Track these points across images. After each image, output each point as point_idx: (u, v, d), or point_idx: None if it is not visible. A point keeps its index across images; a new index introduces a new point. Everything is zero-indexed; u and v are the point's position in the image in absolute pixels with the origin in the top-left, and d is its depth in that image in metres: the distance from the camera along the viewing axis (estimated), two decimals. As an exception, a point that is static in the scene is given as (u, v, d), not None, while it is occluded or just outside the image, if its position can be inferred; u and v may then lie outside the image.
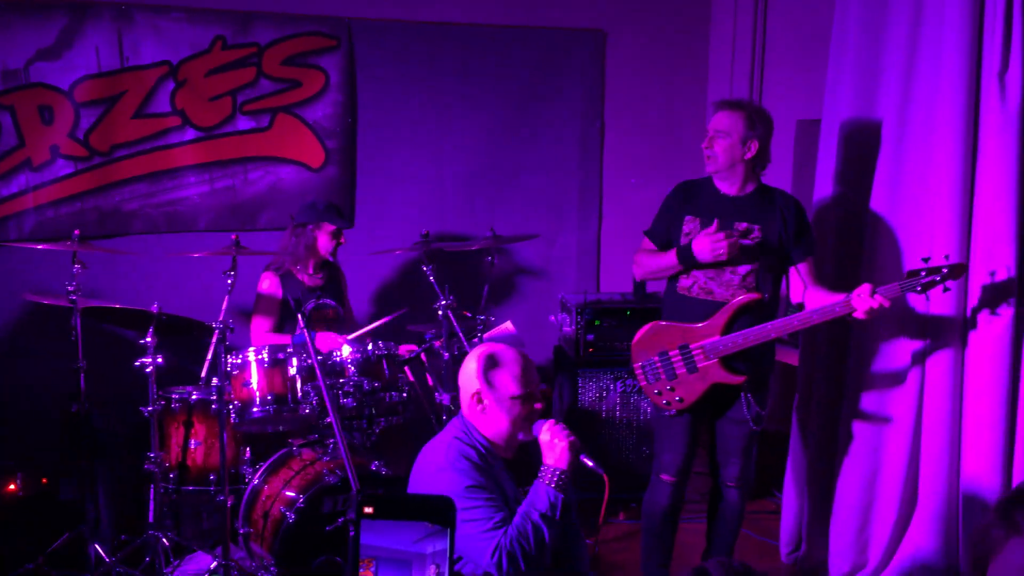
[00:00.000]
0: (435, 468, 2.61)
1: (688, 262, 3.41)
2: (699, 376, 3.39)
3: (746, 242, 3.38)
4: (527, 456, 2.81)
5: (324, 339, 4.14)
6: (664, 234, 3.55)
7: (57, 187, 4.67)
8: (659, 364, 3.44)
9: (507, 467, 2.72)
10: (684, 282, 3.48)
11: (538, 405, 2.68)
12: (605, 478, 2.57)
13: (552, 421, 2.64)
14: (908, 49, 3.60)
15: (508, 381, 2.64)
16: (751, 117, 3.44)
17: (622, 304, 4.89)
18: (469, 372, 2.68)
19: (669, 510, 3.58)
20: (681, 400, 3.42)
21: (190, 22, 4.78)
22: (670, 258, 3.45)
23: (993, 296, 3.41)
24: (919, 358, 3.63)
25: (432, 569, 1.70)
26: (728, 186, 3.47)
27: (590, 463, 2.60)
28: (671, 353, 3.42)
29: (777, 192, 3.53)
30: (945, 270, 3.20)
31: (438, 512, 1.70)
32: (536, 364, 2.81)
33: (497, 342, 4.46)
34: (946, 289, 3.24)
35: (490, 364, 2.66)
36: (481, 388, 2.65)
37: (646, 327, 3.49)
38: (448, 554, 1.68)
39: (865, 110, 3.79)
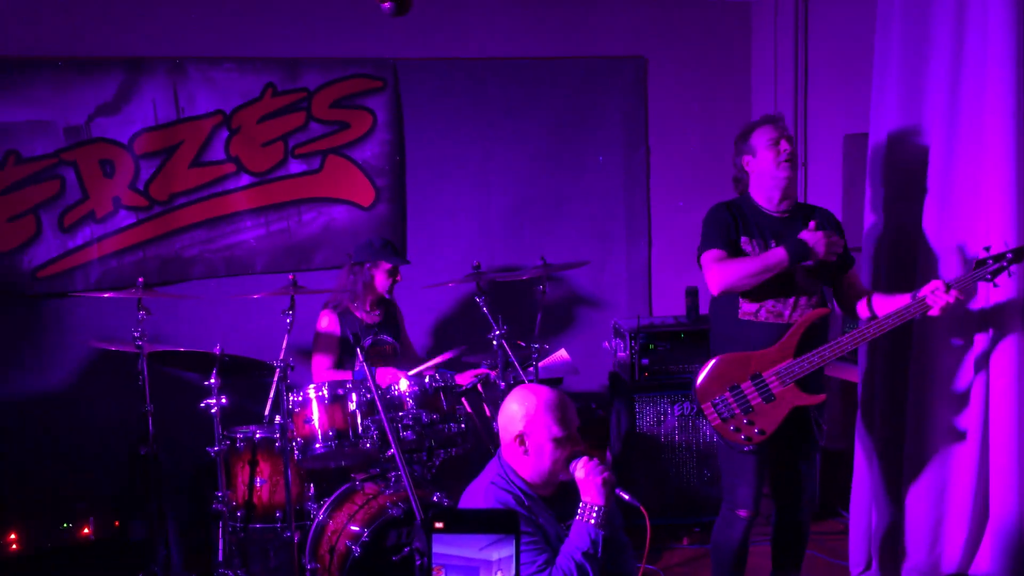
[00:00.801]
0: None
1: (800, 257, 3.24)
2: (776, 404, 3.27)
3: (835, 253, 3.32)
4: (567, 491, 2.81)
5: (384, 374, 4.19)
6: (726, 239, 3.39)
7: (120, 237, 4.82)
8: (731, 399, 3.30)
9: (548, 505, 2.71)
10: (748, 307, 3.37)
11: (579, 447, 2.66)
12: (644, 511, 2.56)
13: (586, 459, 2.62)
14: (953, 59, 3.57)
15: (550, 423, 2.64)
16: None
17: (675, 327, 4.88)
18: (511, 414, 2.68)
19: (743, 545, 3.47)
20: (762, 432, 3.29)
21: (240, 71, 4.93)
22: (775, 255, 3.26)
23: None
24: (982, 363, 3.56)
25: (497, 574, 1.79)
26: (776, 204, 3.41)
27: (626, 497, 2.59)
28: (743, 385, 3.29)
29: (815, 207, 3.51)
30: (1010, 255, 3.19)
31: (502, 523, 1.83)
32: (592, 391, 2.81)
33: (553, 370, 4.49)
34: (1010, 274, 3.23)
35: (531, 406, 2.66)
36: (524, 430, 2.65)
37: (710, 364, 3.34)
38: (514, 559, 1.79)
39: (912, 121, 3.76)
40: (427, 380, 4.03)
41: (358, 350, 3.21)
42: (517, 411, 2.67)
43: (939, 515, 3.74)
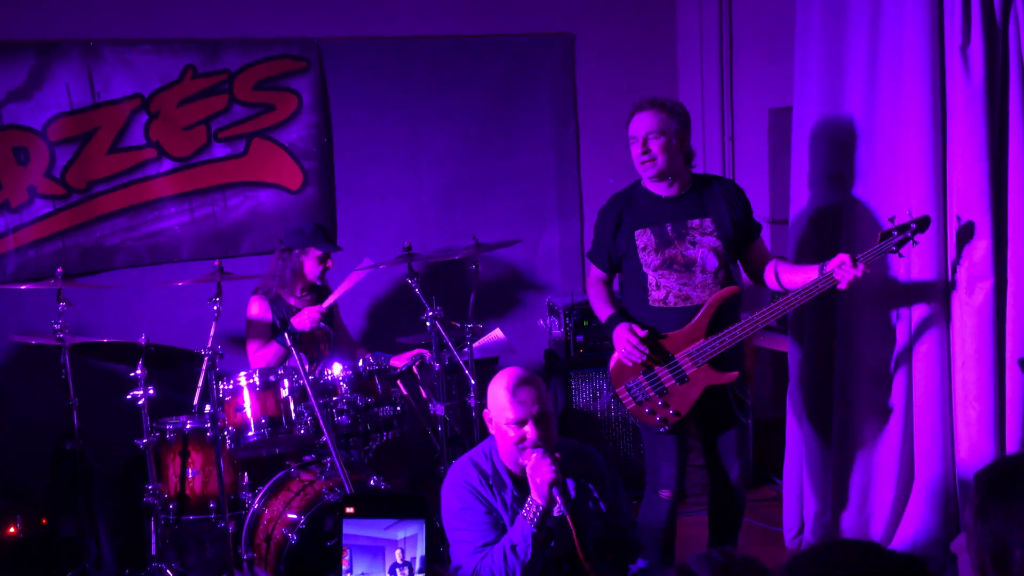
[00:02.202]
0: (444, 485, 2.80)
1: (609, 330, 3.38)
2: (690, 384, 3.30)
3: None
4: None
5: (301, 317, 4.19)
6: (609, 258, 3.44)
7: (37, 227, 4.67)
8: (645, 382, 3.32)
9: (523, 489, 2.71)
10: (657, 294, 3.36)
11: (530, 434, 2.66)
12: (569, 520, 2.56)
13: (539, 453, 2.61)
14: (871, 30, 3.65)
15: (505, 405, 2.69)
16: (674, 110, 3.37)
17: (609, 303, 4.91)
18: (487, 394, 2.77)
19: (670, 524, 3.49)
20: (676, 413, 3.31)
21: (158, 54, 4.80)
22: (602, 314, 3.45)
23: (972, 266, 3.45)
24: (905, 335, 3.67)
25: (399, 553, 1.84)
26: (666, 187, 3.37)
27: (558, 503, 2.57)
28: (656, 368, 3.31)
29: (714, 179, 3.48)
30: (913, 225, 3.21)
31: (412, 506, 1.90)
32: (529, 368, 2.84)
33: (489, 350, 4.49)
34: (915, 243, 3.25)
35: (495, 387, 2.74)
36: (489, 410, 2.75)
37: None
38: (421, 541, 1.87)
39: (834, 94, 3.83)
40: (361, 363, 4.01)
41: (286, 334, 3.17)
42: (488, 392, 2.76)
43: (867, 479, 3.85)
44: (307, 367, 3.42)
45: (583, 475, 2.81)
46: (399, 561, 1.98)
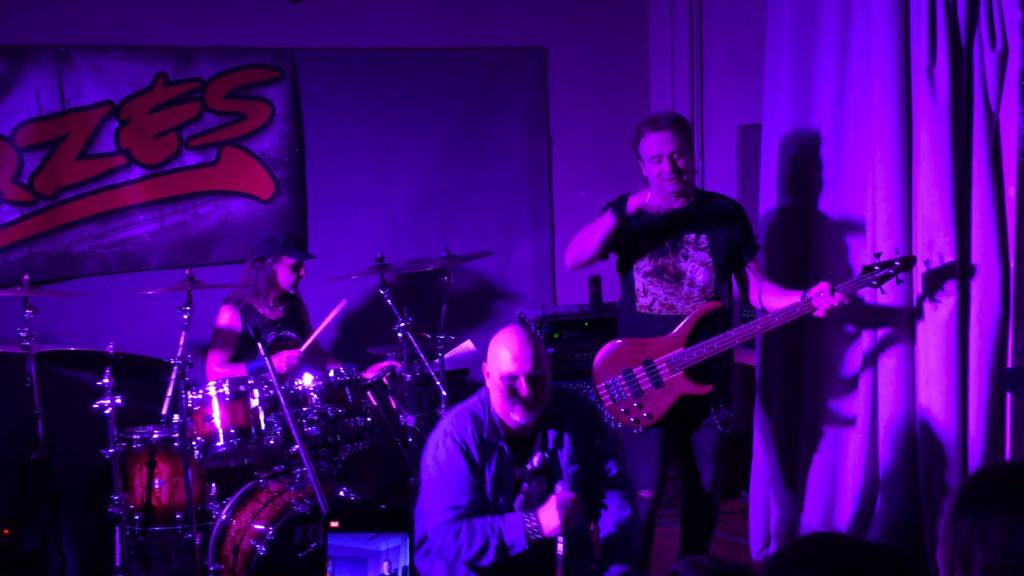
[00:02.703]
0: (437, 430, 2.87)
1: (623, 213, 3.33)
2: (665, 390, 3.38)
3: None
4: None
5: (279, 359, 4.14)
6: (627, 220, 3.41)
7: (3, 233, 4.61)
8: (623, 382, 3.41)
9: (513, 445, 2.81)
10: (643, 300, 3.46)
11: (522, 390, 2.75)
12: (559, 564, 2.65)
13: (571, 495, 2.69)
14: (839, 51, 3.71)
15: (501, 359, 2.78)
16: (687, 126, 3.46)
17: (580, 316, 4.95)
18: (489, 348, 2.87)
19: (649, 526, 3.54)
20: (649, 416, 3.39)
21: (130, 60, 4.77)
22: (606, 220, 3.36)
23: (936, 285, 3.52)
24: (871, 352, 3.72)
25: (385, 564, 1.85)
26: (671, 201, 3.44)
27: (559, 548, 2.65)
28: (635, 370, 3.39)
29: (715, 196, 3.57)
30: (898, 263, 3.31)
31: (396, 520, 1.92)
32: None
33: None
34: (899, 281, 3.35)
35: (494, 342, 2.85)
36: (487, 363, 2.85)
37: (606, 348, 3.46)
38: (404, 552, 1.89)
39: (803, 112, 3.89)
40: (332, 374, 4.00)
41: (259, 345, 3.16)
42: (489, 347, 2.86)
43: (832, 492, 3.90)
44: (279, 376, 3.41)
45: (569, 425, 2.91)
46: (386, 573, 2.00)
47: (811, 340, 3.88)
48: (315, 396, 3.95)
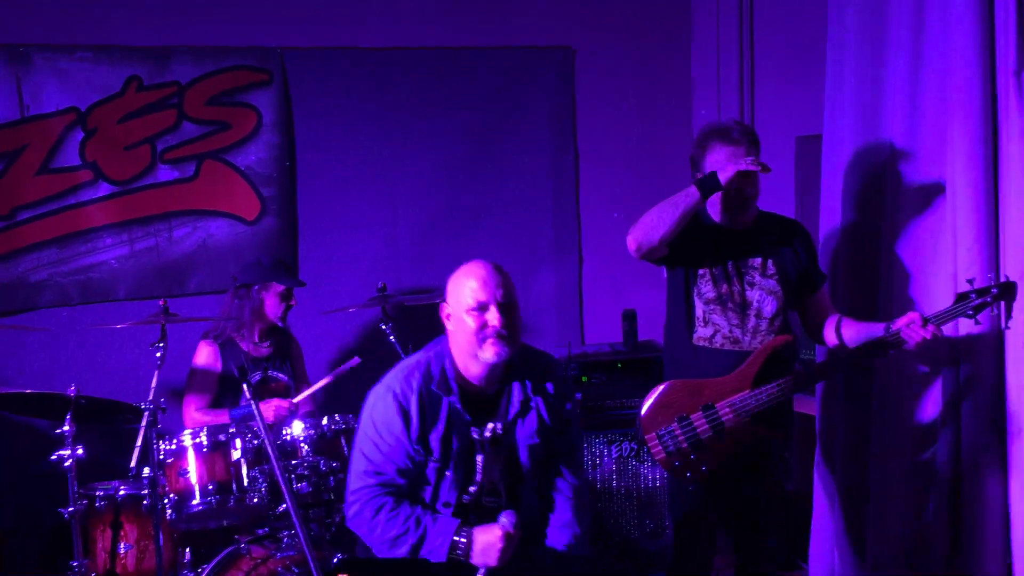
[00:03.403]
0: (382, 380, 2.96)
1: (712, 188, 3.31)
2: (728, 438, 3.35)
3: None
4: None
5: (267, 407, 4.15)
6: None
7: (-50, 258, 4.68)
8: (679, 431, 3.36)
9: (469, 405, 2.90)
10: (703, 331, 3.46)
11: (494, 320, 2.83)
12: None
13: (511, 525, 2.78)
14: (912, 53, 3.72)
15: (466, 290, 2.86)
16: (758, 141, 3.48)
17: (611, 355, 4.94)
18: (448, 286, 2.95)
19: None
20: (709, 470, 3.37)
21: (97, 62, 4.84)
22: (690, 193, 3.33)
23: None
24: (953, 390, 3.69)
25: None
26: (731, 217, 3.47)
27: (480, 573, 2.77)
28: (692, 416, 3.36)
29: (778, 217, 3.60)
30: (995, 290, 3.29)
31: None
32: None
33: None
34: (994, 311, 3.33)
35: (454, 277, 2.93)
36: (447, 301, 2.93)
37: (658, 390, 3.41)
38: None
39: (870, 122, 3.90)
40: (325, 422, 4.00)
41: (244, 386, 3.17)
42: (449, 284, 2.95)
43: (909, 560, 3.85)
44: (266, 424, 3.41)
45: (540, 389, 3.01)
46: None
47: (880, 379, 3.86)
48: (306, 447, 3.95)
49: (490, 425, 2.92)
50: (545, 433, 3.01)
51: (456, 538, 2.79)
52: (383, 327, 4.40)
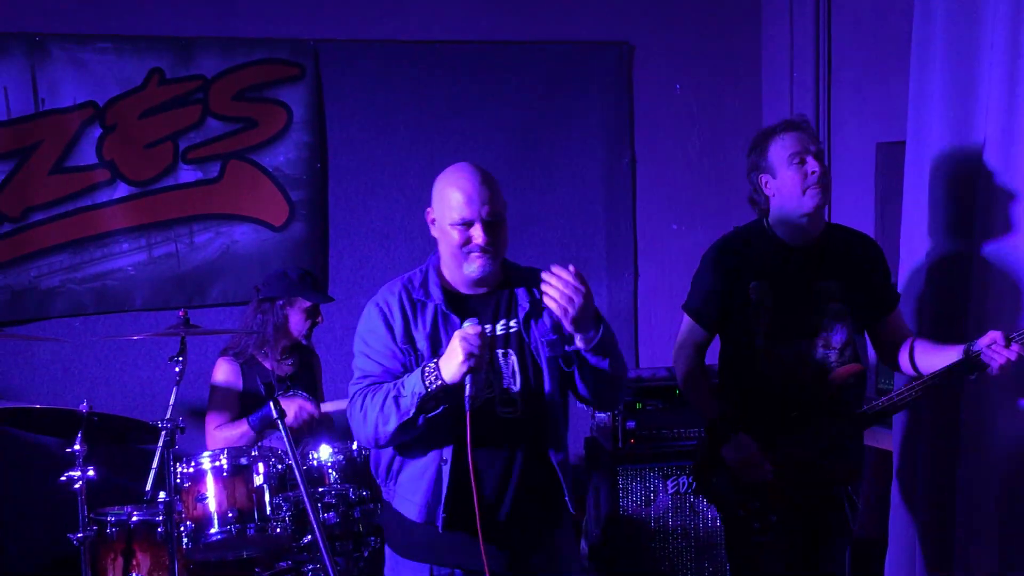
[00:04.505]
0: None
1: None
2: (792, 480, 3.34)
3: None
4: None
5: (291, 404, 4.18)
6: (715, 314, 3.47)
7: (-43, 263, 4.76)
8: (736, 481, 3.38)
9: (458, 306, 2.91)
10: (764, 367, 3.41)
11: (478, 238, 2.85)
12: (467, 416, 2.68)
13: (475, 323, 2.76)
14: (1010, 48, 3.68)
15: (451, 203, 2.88)
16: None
17: (669, 381, 4.91)
18: (433, 189, 2.99)
19: None
20: (775, 515, 3.36)
21: (118, 53, 4.91)
22: (707, 412, 3.47)
23: None
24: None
25: None
26: (796, 232, 3.41)
27: (467, 389, 2.70)
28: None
29: (848, 232, 3.54)
30: None
31: None
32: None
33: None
34: None
35: (442, 181, 2.95)
36: (432, 208, 2.98)
37: (709, 440, 3.43)
38: None
39: (961, 126, 3.86)
40: (355, 447, 4.01)
41: (271, 404, 3.20)
42: (434, 187, 2.98)
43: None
44: (294, 447, 3.44)
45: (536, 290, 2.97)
46: None
47: (969, 409, 3.80)
48: (333, 474, 3.96)
49: (504, 321, 2.92)
50: (561, 333, 2.93)
51: (425, 372, 2.75)
52: (419, 345, 4.40)
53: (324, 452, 4.00)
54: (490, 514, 2.85)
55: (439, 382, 2.72)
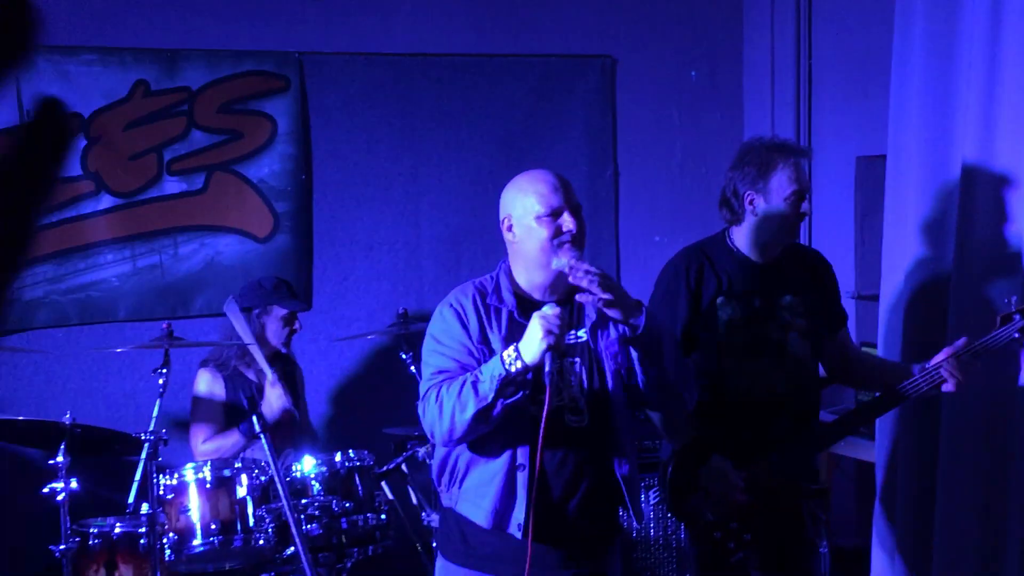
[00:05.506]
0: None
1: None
2: (765, 500, 3.32)
3: None
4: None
5: (274, 392, 4.21)
6: (677, 326, 3.38)
7: (-59, 273, 4.72)
8: (711, 503, 3.34)
9: (529, 315, 2.83)
10: (735, 383, 3.39)
11: (569, 224, 2.83)
12: (547, 392, 2.67)
13: (556, 311, 2.73)
14: (988, 69, 3.70)
15: (534, 197, 2.86)
16: None
17: (651, 392, 4.91)
18: (501, 202, 2.97)
19: None
20: (750, 534, 3.35)
21: (103, 65, 4.90)
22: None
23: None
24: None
25: None
26: (760, 249, 3.40)
27: (546, 367, 2.67)
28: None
29: (802, 248, 3.57)
30: None
31: None
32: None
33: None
34: None
35: (517, 183, 2.94)
36: (509, 211, 2.92)
37: (678, 463, 3.39)
38: None
39: (940, 142, 3.88)
40: (338, 458, 4.01)
41: (254, 419, 3.20)
42: (503, 195, 2.96)
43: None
44: (275, 459, 3.43)
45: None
46: None
47: (949, 425, 3.81)
48: (317, 485, 3.95)
49: (572, 331, 2.89)
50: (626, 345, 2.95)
51: (505, 355, 2.73)
52: (403, 356, 4.39)
53: (308, 463, 3.99)
54: (556, 521, 2.85)
55: (519, 362, 2.70)
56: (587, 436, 2.89)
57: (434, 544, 3.95)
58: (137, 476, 3.80)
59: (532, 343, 2.69)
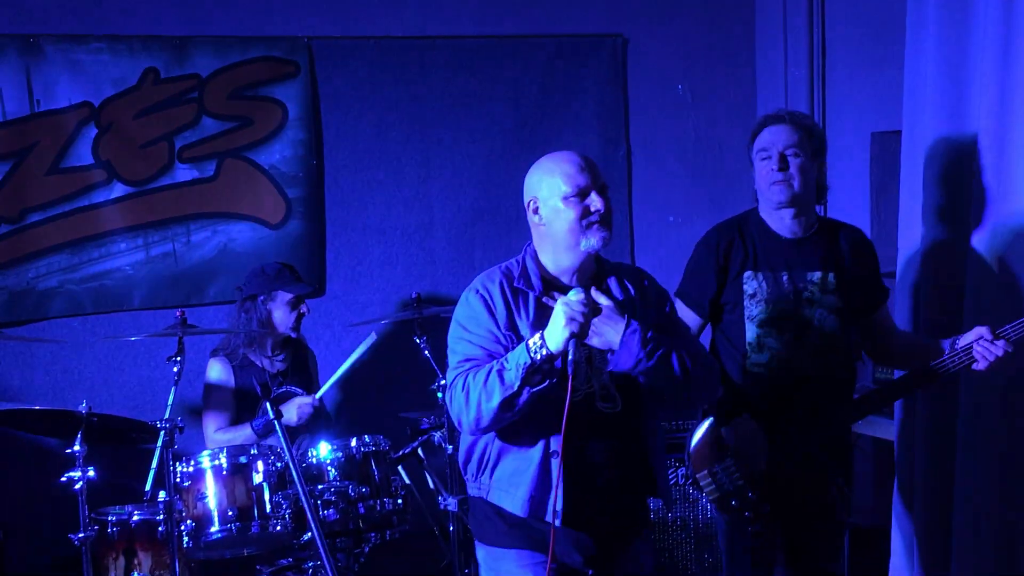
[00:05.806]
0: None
1: None
2: (787, 471, 3.33)
3: None
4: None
5: (290, 407, 4.20)
6: (708, 301, 3.47)
7: (-46, 265, 4.75)
8: (734, 467, 3.35)
9: (554, 289, 2.87)
10: (758, 357, 3.40)
11: (597, 203, 2.82)
12: (570, 379, 2.65)
13: (580, 289, 2.75)
14: (1003, 39, 3.66)
15: (560, 180, 2.85)
16: (813, 131, 3.45)
17: (667, 373, 4.89)
18: (525, 184, 2.96)
19: None
20: (769, 505, 3.34)
21: (113, 53, 4.89)
22: None
23: None
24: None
25: None
26: (789, 224, 3.42)
27: (570, 355, 2.66)
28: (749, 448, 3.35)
29: (840, 225, 3.54)
30: None
31: None
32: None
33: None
34: None
35: (544, 165, 2.92)
36: (535, 194, 2.91)
37: (707, 423, 3.39)
38: None
39: (955, 116, 3.85)
40: (354, 443, 4.01)
41: (267, 405, 3.19)
42: (528, 178, 2.95)
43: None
44: (290, 446, 3.43)
45: (633, 281, 3.01)
46: None
47: (968, 406, 3.79)
48: (333, 471, 3.96)
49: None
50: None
51: (531, 342, 2.71)
52: (417, 340, 4.38)
53: (323, 449, 3.99)
54: (592, 506, 2.84)
55: (544, 350, 2.68)
56: (620, 422, 2.87)
57: (471, 534, 3.95)
58: (154, 464, 3.80)
59: (556, 330, 2.68)
